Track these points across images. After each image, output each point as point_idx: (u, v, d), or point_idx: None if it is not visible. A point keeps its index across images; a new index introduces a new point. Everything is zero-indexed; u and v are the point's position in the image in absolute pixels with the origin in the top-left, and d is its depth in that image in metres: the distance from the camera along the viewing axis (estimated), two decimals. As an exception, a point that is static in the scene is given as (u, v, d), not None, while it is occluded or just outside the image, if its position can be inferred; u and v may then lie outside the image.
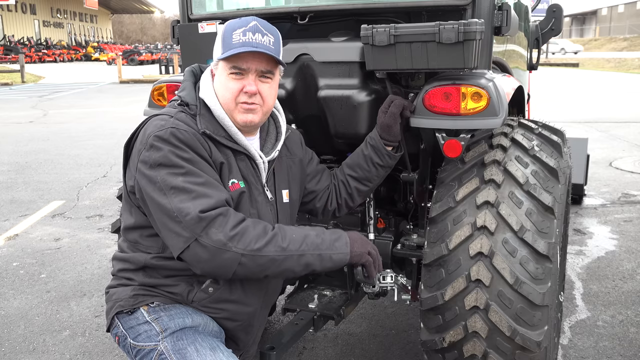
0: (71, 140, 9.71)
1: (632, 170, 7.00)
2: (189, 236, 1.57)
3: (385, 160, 2.11)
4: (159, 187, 1.60)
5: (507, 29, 2.27)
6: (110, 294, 1.83)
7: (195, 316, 1.75)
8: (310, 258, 1.66)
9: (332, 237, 1.73)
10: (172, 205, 1.58)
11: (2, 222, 5.33)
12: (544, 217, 1.95)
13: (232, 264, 1.58)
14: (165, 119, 1.70)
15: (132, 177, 1.69)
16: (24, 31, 49.48)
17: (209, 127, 1.72)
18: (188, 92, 1.81)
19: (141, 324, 1.73)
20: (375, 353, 2.99)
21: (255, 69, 1.73)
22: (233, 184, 1.74)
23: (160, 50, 43.16)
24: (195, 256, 1.58)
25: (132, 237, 1.80)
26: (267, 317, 3.22)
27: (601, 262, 4.14)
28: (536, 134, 2.26)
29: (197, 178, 1.61)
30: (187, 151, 1.63)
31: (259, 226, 1.64)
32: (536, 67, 3.88)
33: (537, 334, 1.89)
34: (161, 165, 1.61)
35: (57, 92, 19.64)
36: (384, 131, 2.08)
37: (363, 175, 2.13)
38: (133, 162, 1.69)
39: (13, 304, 3.62)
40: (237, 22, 1.73)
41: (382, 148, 2.09)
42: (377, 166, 2.12)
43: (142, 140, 1.66)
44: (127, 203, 1.80)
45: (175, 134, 1.63)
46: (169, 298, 1.77)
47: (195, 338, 1.70)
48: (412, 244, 2.39)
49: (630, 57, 32.76)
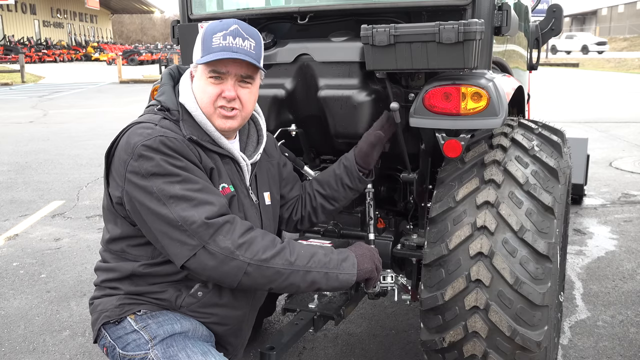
0: (71, 140, 9.71)
1: (632, 170, 7.00)
2: (197, 244, 1.54)
3: (355, 184, 2.08)
4: (157, 197, 1.56)
5: (507, 29, 2.27)
6: (95, 305, 1.78)
7: (184, 321, 1.73)
8: (316, 276, 1.64)
9: (340, 257, 1.71)
10: (175, 214, 1.54)
11: (2, 222, 5.33)
12: (544, 217, 1.95)
13: (238, 273, 1.56)
14: (151, 127, 1.63)
15: (118, 188, 1.64)
16: (24, 31, 49.47)
17: (193, 132, 1.68)
18: (168, 96, 1.75)
19: (129, 333, 1.69)
20: (375, 353, 2.99)
21: (235, 73, 1.68)
22: (223, 188, 1.71)
23: (160, 50, 43.19)
24: (202, 264, 1.56)
25: (117, 247, 1.75)
26: (267, 317, 3.23)
27: (601, 262, 4.14)
28: (536, 134, 2.26)
29: (195, 185, 1.58)
30: (180, 159, 1.59)
31: (268, 237, 1.63)
32: (536, 67, 3.88)
33: (537, 334, 1.89)
34: (155, 174, 1.56)
35: (57, 92, 19.64)
36: (360, 157, 2.07)
37: (330, 194, 2.10)
38: (118, 172, 1.63)
39: (13, 304, 3.62)
40: (217, 25, 1.68)
41: (354, 171, 2.06)
42: (346, 187, 2.08)
43: (127, 150, 1.60)
44: (111, 214, 1.74)
45: (165, 142, 1.59)
46: (156, 305, 1.73)
47: (186, 344, 1.67)
48: (412, 244, 2.39)
49: (630, 57, 32.76)
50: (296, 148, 2.42)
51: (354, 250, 1.77)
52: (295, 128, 2.38)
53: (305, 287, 1.66)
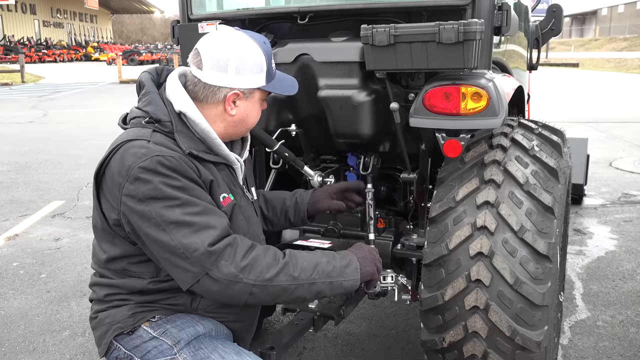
0: (71, 140, 9.70)
1: (632, 170, 7.00)
2: (199, 271, 1.50)
3: (296, 221, 2.11)
4: (155, 223, 1.49)
5: (507, 29, 2.27)
6: (101, 319, 1.69)
7: (204, 322, 1.70)
8: (321, 286, 1.63)
9: (342, 263, 1.69)
10: (176, 242, 1.48)
11: (2, 222, 5.33)
12: (544, 217, 1.95)
13: (244, 295, 1.54)
14: (144, 145, 1.53)
15: (114, 210, 1.56)
16: (24, 31, 49.47)
17: (191, 145, 1.59)
18: (157, 106, 1.62)
19: (147, 341, 1.63)
20: (375, 353, 2.99)
21: None
22: (224, 198, 1.67)
23: (160, 50, 43.24)
24: (206, 289, 1.53)
25: (118, 266, 1.67)
26: (267, 317, 3.23)
27: (601, 262, 4.14)
28: (536, 134, 2.26)
29: (195, 207, 1.52)
30: (179, 179, 1.51)
31: (269, 254, 1.59)
32: (536, 67, 3.88)
33: (537, 334, 1.89)
34: (153, 198, 1.48)
35: (57, 92, 19.63)
36: (313, 209, 2.11)
37: (270, 217, 2.11)
38: (112, 194, 1.55)
39: (13, 304, 3.62)
40: (266, 47, 1.67)
41: (301, 211, 2.10)
42: (287, 220, 2.11)
43: (122, 173, 1.51)
44: (107, 234, 1.65)
45: (162, 162, 1.49)
46: (170, 310, 1.69)
47: (215, 345, 1.65)
48: (412, 244, 2.39)
49: (630, 57, 32.77)
50: (296, 148, 2.42)
51: (355, 253, 1.76)
52: (295, 128, 2.38)
53: (311, 298, 1.67)
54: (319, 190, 2.16)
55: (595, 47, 48.55)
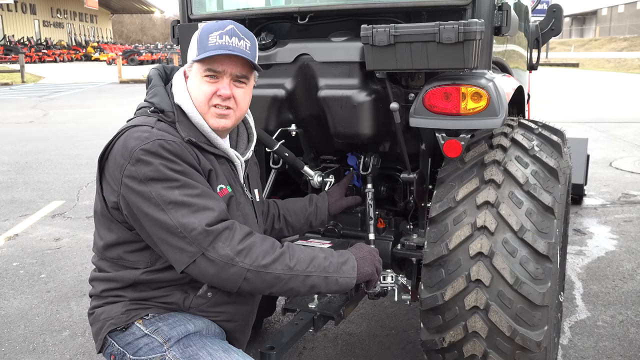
0: (71, 140, 9.71)
1: (632, 170, 7.01)
2: (196, 251, 1.53)
3: (317, 224, 2.25)
4: (155, 203, 1.53)
5: (507, 29, 2.27)
6: (97, 315, 1.74)
7: (196, 321, 1.72)
8: (316, 280, 1.64)
9: (339, 260, 1.70)
10: (174, 220, 1.52)
11: (2, 222, 5.33)
12: (544, 217, 1.95)
13: (238, 279, 1.56)
14: (147, 130, 1.61)
15: (113, 193, 1.61)
16: (24, 31, 49.45)
17: (190, 134, 1.66)
18: (162, 97, 1.72)
19: (139, 338, 1.67)
20: (375, 353, 2.99)
21: (230, 72, 1.68)
22: (221, 189, 1.70)
23: (160, 50, 43.24)
24: (202, 270, 1.56)
25: (114, 254, 1.72)
26: (267, 317, 3.23)
27: (601, 262, 4.14)
28: (536, 134, 2.26)
29: (194, 190, 1.56)
30: (179, 163, 1.57)
31: (267, 242, 1.62)
32: (536, 67, 3.88)
33: (537, 334, 1.89)
34: (153, 179, 1.54)
35: (57, 92, 19.64)
36: (334, 206, 2.26)
37: (293, 223, 2.20)
38: (113, 177, 1.61)
39: (13, 304, 3.62)
40: (214, 25, 1.68)
41: (322, 214, 2.23)
42: (308, 223, 2.22)
43: (124, 155, 1.57)
44: (105, 219, 1.71)
45: (163, 145, 1.56)
46: (164, 308, 1.72)
47: (204, 342, 1.67)
48: (412, 244, 2.39)
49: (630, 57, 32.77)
50: (296, 148, 2.42)
51: (354, 253, 1.77)
52: (295, 128, 2.38)
53: (305, 292, 1.67)
54: (331, 191, 2.30)
55: (595, 47, 48.54)
